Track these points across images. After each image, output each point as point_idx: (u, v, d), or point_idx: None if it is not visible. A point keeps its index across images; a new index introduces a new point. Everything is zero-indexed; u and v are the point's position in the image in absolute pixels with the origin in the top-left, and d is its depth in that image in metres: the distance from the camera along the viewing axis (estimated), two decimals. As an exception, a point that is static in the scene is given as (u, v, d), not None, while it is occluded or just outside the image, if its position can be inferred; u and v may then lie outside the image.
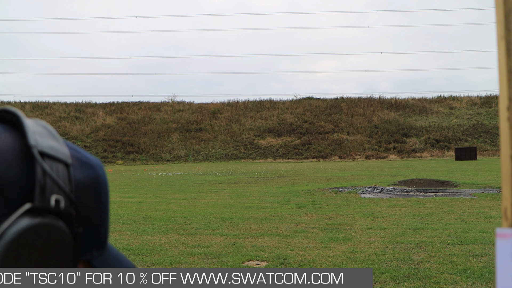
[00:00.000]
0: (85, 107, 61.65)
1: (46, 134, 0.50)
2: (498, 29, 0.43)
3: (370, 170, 25.90)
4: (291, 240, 7.03)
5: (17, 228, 0.42)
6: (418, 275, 5.03)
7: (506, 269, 0.41)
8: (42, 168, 0.45)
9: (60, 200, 0.46)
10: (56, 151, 0.49)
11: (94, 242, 0.53)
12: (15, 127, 0.49)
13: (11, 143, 0.47)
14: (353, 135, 52.34)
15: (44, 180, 0.45)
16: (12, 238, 0.42)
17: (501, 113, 0.44)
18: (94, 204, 0.53)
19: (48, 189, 0.45)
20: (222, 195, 13.80)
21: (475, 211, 9.39)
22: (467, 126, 51.30)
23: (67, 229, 0.46)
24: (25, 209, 0.43)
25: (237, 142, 52.75)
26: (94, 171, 0.54)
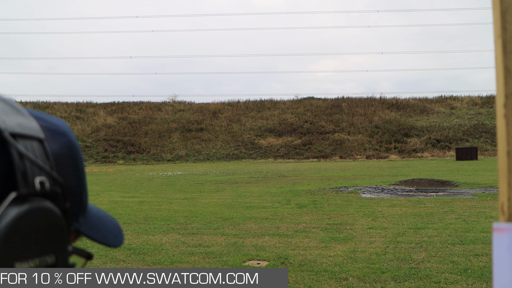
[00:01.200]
0: (86, 107, 61.70)
1: (10, 110, 0.47)
2: (495, 27, 0.44)
3: (371, 170, 25.90)
4: (292, 239, 7.04)
5: (7, 220, 0.41)
6: (419, 274, 5.04)
7: (503, 263, 0.42)
8: (18, 151, 0.43)
9: (44, 181, 0.45)
10: (27, 128, 0.46)
11: (79, 210, 0.53)
12: None
13: None
14: (354, 135, 52.33)
15: (23, 164, 0.43)
16: (4, 232, 0.40)
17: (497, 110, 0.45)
18: (73, 173, 0.51)
19: (30, 172, 0.43)
20: (223, 195, 13.81)
21: (476, 211, 9.39)
22: (468, 126, 51.27)
23: (55, 207, 0.45)
24: (11, 199, 0.42)
25: (238, 142, 52.76)
26: (67, 138, 0.52)
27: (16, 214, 0.41)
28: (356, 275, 5.07)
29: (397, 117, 55.83)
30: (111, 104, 63.92)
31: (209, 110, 61.54)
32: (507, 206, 0.45)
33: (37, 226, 0.43)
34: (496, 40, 0.44)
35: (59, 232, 0.46)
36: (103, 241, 0.58)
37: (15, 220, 0.41)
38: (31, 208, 0.42)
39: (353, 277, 5.02)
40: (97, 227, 0.57)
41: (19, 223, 0.41)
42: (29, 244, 0.43)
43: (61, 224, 0.46)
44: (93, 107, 61.79)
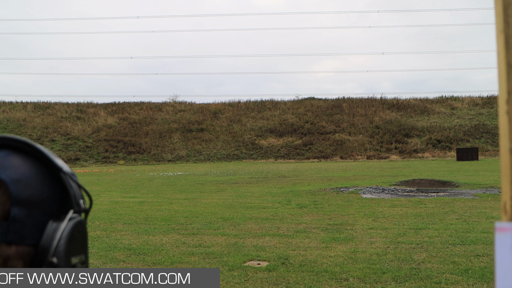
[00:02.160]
0: (86, 107, 61.71)
1: (53, 155, 0.66)
2: (497, 22, 0.43)
3: (372, 171, 25.89)
4: (292, 240, 7.03)
5: (69, 229, 0.61)
6: (420, 275, 5.03)
7: (505, 263, 0.41)
8: (75, 182, 0.65)
9: (84, 202, 0.66)
10: (66, 167, 0.66)
11: None
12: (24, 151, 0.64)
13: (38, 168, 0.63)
14: (354, 135, 52.31)
15: (74, 191, 0.64)
16: (67, 237, 0.60)
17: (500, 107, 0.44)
18: None
19: (77, 196, 0.64)
20: (223, 195, 13.81)
21: (477, 211, 9.38)
22: (469, 126, 51.23)
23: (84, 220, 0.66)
24: (71, 215, 0.62)
25: (238, 143, 52.75)
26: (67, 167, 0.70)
27: (72, 225, 0.61)
28: (357, 276, 5.06)
29: (397, 118, 55.80)
30: (111, 104, 63.92)
31: (210, 111, 61.54)
32: (510, 205, 0.44)
33: (79, 233, 0.63)
34: (498, 35, 0.43)
35: (85, 238, 0.65)
36: None
37: (72, 229, 0.61)
38: (78, 221, 0.63)
39: (353, 277, 5.01)
40: None
41: (73, 231, 0.61)
42: (77, 245, 0.62)
43: (86, 232, 0.66)
44: (93, 108, 61.79)
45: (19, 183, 0.59)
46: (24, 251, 0.59)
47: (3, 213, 0.58)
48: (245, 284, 4.89)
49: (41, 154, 0.64)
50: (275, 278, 5.06)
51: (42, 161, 0.64)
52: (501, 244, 0.42)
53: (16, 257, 0.59)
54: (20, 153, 0.63)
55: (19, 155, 0.63)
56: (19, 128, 52.69)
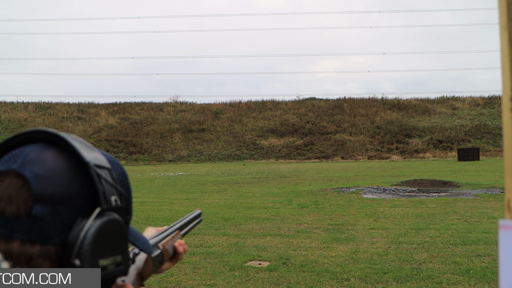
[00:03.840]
0: (87, 108, 61.74)
1: (86, 147, 0.63)
2: (501, 19, 0.43)
3: (373, 171, 25.87)
4: (293, 240, 7.02)
5: (94, 228, 0.57)
6: (421, 275, 5.02)
7: (509, 261, 0.41)
8: (103, 178, 0.59)
9: (117, 199, 0.61)
10: (100, 160, 0.62)
11: (129, 222, 0.67)
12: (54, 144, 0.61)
13: (65, 161, 0.59)
14: (355, 135, 52.28)
15: (103, 188, 0.59)
16: (92, 236, 0.56)
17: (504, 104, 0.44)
18: (128, 193, 0.68)
19: (108, 192, 0.60)
20: (224, 195, 13.80)
21: (478, 212, 9.36)
22: (470, 126, 51.18)
23: (121, 218, 0.62)
24: (97, 213, 0.58)
25: (239, 143, 52.75)
26: (121, 167, 0.68)
27: (99, 224, 0.57)
28: (358, 276, 5.05)
29: (398, 118, 55.76)
30: (112, 104, 63.95)
31: (211, 111, 61.54)
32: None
33: (111, 233, 0.59)
34: (502, 32, 0.43)
35: (123, 238, 0.62)
36: (142, 248, 0.75)
37: (99, 229, 0.57)
38: (108, 219, 0.59)
39: (354, 277, 5.01)
40: (136, 237, 0.75)
41: (101, 230, 0.57)
42: (107, 246, 0.59)
43: (125, 232, 0.63)
44: (94, 108, 61.82)
45: (43, 179, 0.56)
46: (49, 250, 0.56)
47: (26, 211, 0.55)
48: (246, 284, 4.88)
49: (71, 147, 0.60)
50: (276, 278, 5.05)
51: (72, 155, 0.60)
52: (505, 242, 0.42)
53: (41, 256, 0.55)
54: (51, 147, 0.60)
55: (49, 149, 0.60)
56: (20, 128, 52.73)
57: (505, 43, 0.43)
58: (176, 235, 1.01)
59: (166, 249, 0.94)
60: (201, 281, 5.02)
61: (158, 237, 0.95)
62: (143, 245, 0.75)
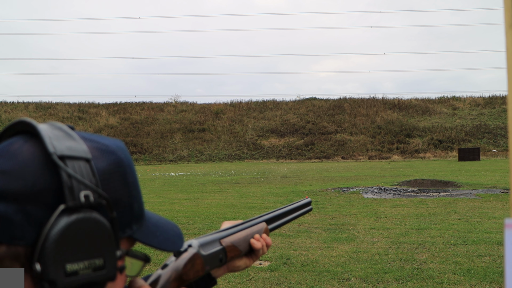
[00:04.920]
0: (88, 108, 61.76)
1: (62, 136, 0.56)
2: (506, 17, 0.42)
3: (373, 171, 25.86)
4: (294, 240, 7.02)
5: (58, 228, 0.49)
6: (422, 275, 5.02)
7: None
8: (66, 172, 0.51)
9: (88, 195, 0.52)
10: (75, 150, 0.54)
11: (131, 218, 0.60)
12: (33, 136, 0.55)
13: (34, 153, 0.53)
14: (356, 135, 52.26)
15: (70, 182, 0.51)
16: (55, 237, 0.49)
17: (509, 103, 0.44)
18: (122, 186, 0.58)
19: (76, 188, 0.52)
20: (225, 195, 13.80)
21: (479, 212, 9.36)
22: (471, 126, 51.14)
23: (102, 217, 0.53)
24: (60, 210, 0.50)
25: (240, 143, 52.74)
26: (115, 156, 0.59)
27: (65, 223, 0.50)
28: (359, 276, 5.05)
29: (399, 118, 55.73)
30: (113, 104, 63.95)
31: (211, 111, 61.53)
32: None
33: (85, 233, 0.51)
34: (508, 30, 0.43)
35: (105, 238, 0.53)
36: (158, 246, 0.64)
37: (64, 228, 0.50)
38: (78, 218, 0.51)
39: (355, 277, 5.00)
40: (153, 234, 0.64)
41: (67, 230, 0.50)
42: (78, 249, 0.51)
43: (108, 231, 0.54)
44: (95, 108, 61.83)
45: (6, 175, 0.50)
46: (17, 251, 0.49)
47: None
48: (247, 284, 4.88)
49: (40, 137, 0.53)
50: (277, 278, 5.05)
51: None
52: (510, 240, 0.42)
53: (8, 257, 0.49)
54: (31, 139, 0.54)
55: (23, 141, 0.54)
56: (21, 128, 52.72)
57: (510, 41, 0.43)
58: (257, 229, 0.93)
59: (234, 245, 0.87)
60: (202, 281, 5.01)
61: (222, 233, 0.87)
62: (161, 243, 0.65)
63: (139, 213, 0.61)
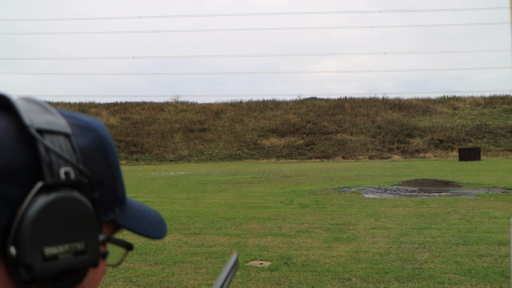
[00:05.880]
0: (88, 107, 61.79)
1: (39, 109, 0.51)
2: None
3: (374, 171, 25.85)
4: (294, 240, 7.02)
5: (35, 208, 0.44)
6: (422, 275, 5.02)
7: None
8: (44, 145, 0.47)
9: (69, 171, 0.48)
10: (53, 124, 0.50)
11: (114, 201, 0.55)
12: (7, 110, 0.50)
13: (8, 127, 0.47)
14: (356, 135, 52.24)
15: (49, 157, 0.47)
16: (32, 218, 0.44)
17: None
18: (104, 166, 0.54)
19: (55, 164, 0.47)
20: (225, 195, 13.80)
21: (479, 211, 9.35)
22: (471, 126, 51.12)
23: (83, 197, 0.48)
24: (38, 188, 0.45)
25: (240, 142, 52.73)
26: (96, 133, 0.54)
27: (43, 203, 0.45)
28: (359, 276, 5.05)
29: (399, 118, 55.71)
30: (113, 104, 63.97)
31: (212, 111, 61.52)
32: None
33: (65, 214, 0.47)
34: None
35: (87, 220, 0.48)
36: (142, 232, 0.59)
37: (42, 208, 0.45)
38: (57, 197, 0.46)
39: (356, 277, 5.00)
40: (136, 219, 0.59)
41: (46, 210, 0.45)
42: (57, 231, 0.46)
43: (90, 213, 0.49)
44: (95, 108, 61.86)
45: None
46: None
47: None
48: (248, 284, 4.88)
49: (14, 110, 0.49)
50: (278, 278, 5.05)
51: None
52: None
53: None
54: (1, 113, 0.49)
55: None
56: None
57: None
58: None
59: None
60: (202, 281, 5.02)
61: None
62: (145, 229, 0.60)
63: (121, 196, 0.57)
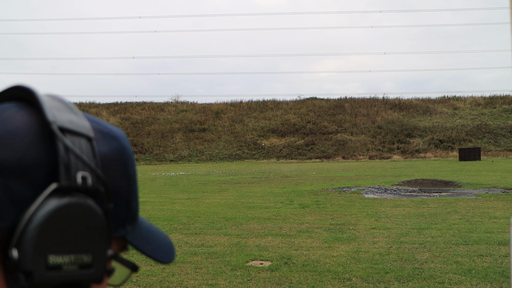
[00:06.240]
0: (88, 107, 61.78)
1: (64, 108, 0.48)
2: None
3: (374, 171, 25.85)
4: (295, 240, 7.02)
5: (45, 211, 0.41)
6: (423, 275, 5.02)
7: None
8: (64, 144, 0.44)
9: (86, 176, 0.45)
10: (77, 125, 0.46)
11: (126, 216, 0.52)
12: (30, 104, 0.47)
13: (29, 122, 0.45)
14: (356, 135, 52.24)
15: (68, 157, 0.43)
16: (41, 221, 0.41)
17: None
18: (122, 177, 0.51)
19: (73, 166, 0.44)
20: (225, 195, 13.80)
21: (480, 211, 9.35)
22: (471, 126, 51.11)
23: (97, 206, 0.45)
24: (52, 190, 0.42)
25: (240, 143, 52.74)
26: (119, 142, 0.51)
27: (54, 206, 0.41)
28: (360, 275, 5.05)
29: (400, 118, 55.70)
30: (113, 104, 63.97)
31: (212, 111, 61.52)
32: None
33: (76, 222, 0.43)
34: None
35: (98, 232, 0.45)
36: (151, 254, 0.57)
37: (53, 211, 0.41)
38: (70, 203, 0.43)
39: (356, 277, 5.00)
40: (146, 240, 0.57)
41: (56, 215, 0.42)
42: (65, 239, 0.43)
43: (102, 225, 0.46)
44: (95, 108, 61.86)
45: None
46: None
47: None
48: (248, 284, 4.88)
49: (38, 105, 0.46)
50: (278, 278, 5.05)
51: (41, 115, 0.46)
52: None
53: None
54: (24, 106, 0.47)
55: (17, 108, 0.46)
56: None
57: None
58: None
59: None
60: (202, 281, 5.02)
61: None
62: (154, 251, 0.57)
63: (135, 213, 0.54)
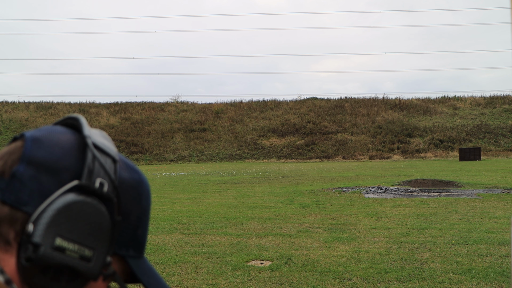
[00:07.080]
0: (89, 107, 61.77)
1: (101, 135, 0.58)
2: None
3: (374, 171, 25.85)
4: (295, 239, 7.02)
5: (64, 200, 0.50)
6: (423, 275, 5.02)
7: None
8: (93, 153, 0.53)
9: (104, 183, 0.53)
10: (107, 147, 0.56)
11: (131, 240, 0.58)
12: (77, 131, 0.58)
13: (71, 137, 0.56)
14: (356, 135, 52.24)
15: (93, 164, 0.53)
16: (58, 207, 0.49)
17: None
18: (135, 204, 0.58)
19: (95, 172, 0.53)
20: (225, 195, 13.81)
21: (480, 211, 9.35)
22: (471, 126, 51.10)
23: (107, 213, 0.53)
24: (72, 185, 0.51)
25: (240, 142, 52.74)
26: (139, 176, 0.60)
27: (72, 199, 0.50)
28: (360, 275, 5.05)
29: (400, 118, 55.70)
30: (114, 104, 63.96)
31: (212, 111, 61.52)
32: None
33: (86, 218, 0.51)
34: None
35: (103, 235, 0.53)
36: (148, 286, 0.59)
37: (69, 202, 0.50)
38: (85, 200, 0.51)
39: (356, 277, 5.01)
40: (147, 274, 0.60)
41: (72, 206, 0.50)
42: (74, 228, 0.50)
43: (107, 229, 0.53)
44: (96, 107, 61.85)
45: (38, 142, 0.53)
46: (16, 217, 0.50)
47: (10, 169, 0.51)
48: (248, 283, 4.89)
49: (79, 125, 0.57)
50: (278, 277, 5.05)
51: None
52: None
53: (7, 220, 0.50)
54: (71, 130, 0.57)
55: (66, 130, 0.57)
56: (22, 128, 52.79)
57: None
58: None
59: None
60: (203, 280, 5.02)
61: None
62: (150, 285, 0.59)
63: (140, 242, 0.59)
